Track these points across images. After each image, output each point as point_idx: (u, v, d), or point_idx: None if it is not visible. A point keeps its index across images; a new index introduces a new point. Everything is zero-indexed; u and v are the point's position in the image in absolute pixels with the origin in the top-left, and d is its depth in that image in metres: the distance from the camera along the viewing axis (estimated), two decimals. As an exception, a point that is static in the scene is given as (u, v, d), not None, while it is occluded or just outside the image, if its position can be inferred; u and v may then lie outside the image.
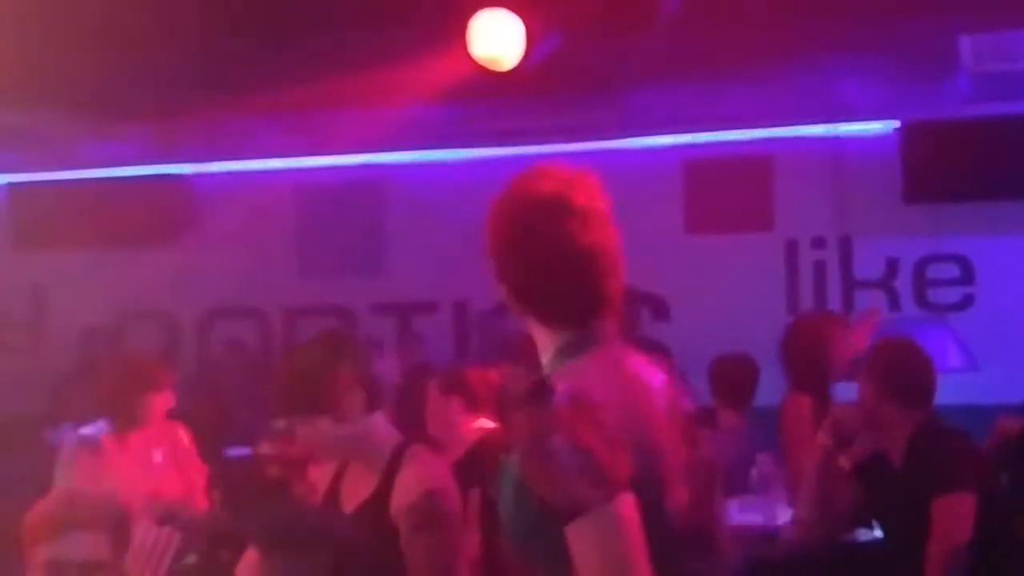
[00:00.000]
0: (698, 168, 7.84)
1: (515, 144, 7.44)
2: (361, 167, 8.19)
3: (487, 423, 4.94)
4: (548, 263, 2.21)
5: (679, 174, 7.88)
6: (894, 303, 7.66)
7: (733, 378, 5.52)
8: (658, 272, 7.42)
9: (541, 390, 2.10)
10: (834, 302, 7.73)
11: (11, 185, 8.64)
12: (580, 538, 1.99)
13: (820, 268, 7.83)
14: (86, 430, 4.96)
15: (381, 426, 2.95)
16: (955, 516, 3.62)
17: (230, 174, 8.35)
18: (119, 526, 2.82)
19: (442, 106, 6.37)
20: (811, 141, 7.68)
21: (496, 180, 2.32)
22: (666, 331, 7.42)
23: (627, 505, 2.00)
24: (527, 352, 2.28)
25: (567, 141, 7.51)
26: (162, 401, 5.11)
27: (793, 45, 6.08)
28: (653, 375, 2.24)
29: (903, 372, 3.86)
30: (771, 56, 6.25)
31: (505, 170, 2.34)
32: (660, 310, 7.92)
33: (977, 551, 3.61)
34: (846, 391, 4.38)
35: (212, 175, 8.41)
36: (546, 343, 2.25)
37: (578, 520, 1.99)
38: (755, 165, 7.76)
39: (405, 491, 2.78)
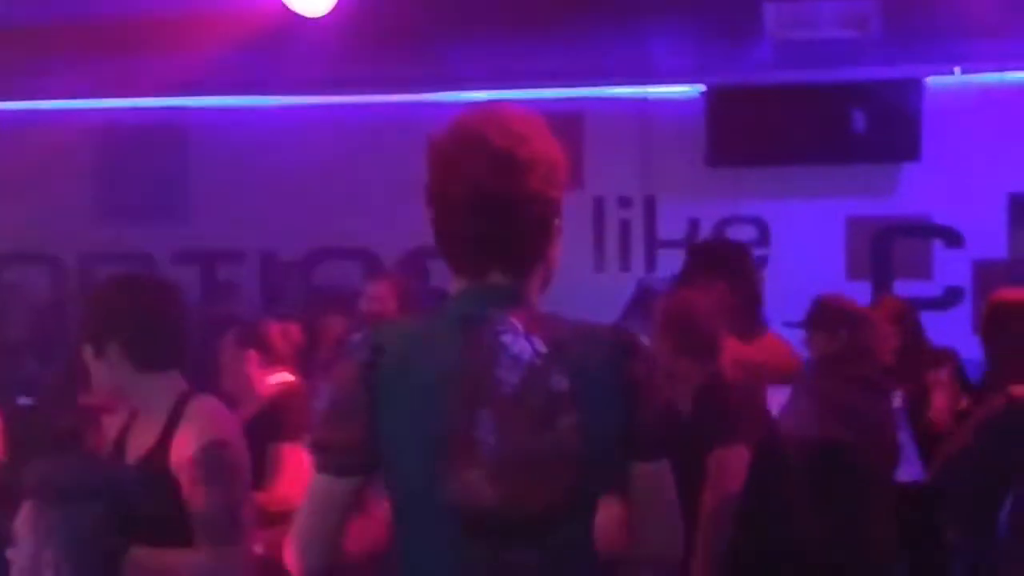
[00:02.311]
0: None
1: (324, 93, 7.35)
2: (165, 110, 7.94)
3: (287, 376, 4.87)
4: (446, 204, 2.02)
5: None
6: (696, 263, 7.83)
7: None
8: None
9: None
10: (638, 261, 7.87)
11: None
12: None
13: (625, 227, 7.95)
14: None
15: (169, 376, 2.88)
16: (727, 467, 3.77)
17: (24, 112, 8.00)
18: None
19: (251, 51, 6.22)
20: (620, 101, 7.78)
21: (303, 128, 2.25)
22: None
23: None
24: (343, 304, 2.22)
25: (380, 92, 7.43)
26: None
27: (605, 5, 6.14)
28: (521, 346, 2.03)
29: (693, 326, 3.98)
30: (584, 14, 6.30)
31: (312, 118, 2.27)
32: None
33: (750, 502, 3.77)
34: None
35: (5, 112, 8.05)
36: (452, 292, 2.08)
37: None
38: (566, 123, 7.79)
39: (185, 443, 2.72)
